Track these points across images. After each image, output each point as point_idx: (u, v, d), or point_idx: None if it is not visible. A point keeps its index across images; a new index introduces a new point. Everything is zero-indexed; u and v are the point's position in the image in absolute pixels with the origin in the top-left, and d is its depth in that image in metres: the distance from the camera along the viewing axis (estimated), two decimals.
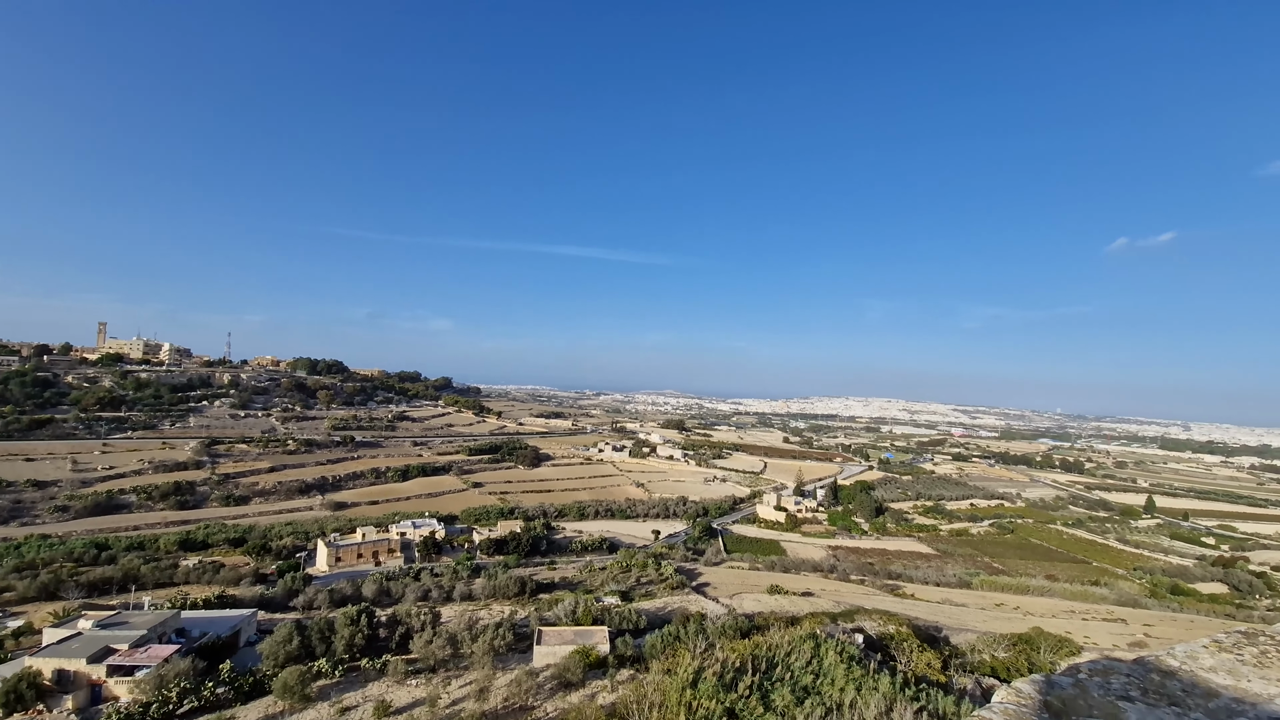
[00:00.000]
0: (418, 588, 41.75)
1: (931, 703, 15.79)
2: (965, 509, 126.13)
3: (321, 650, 27.32)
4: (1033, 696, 2.17)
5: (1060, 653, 27.88)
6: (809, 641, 21.69)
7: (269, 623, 34.59)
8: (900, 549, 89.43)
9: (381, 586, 42.07)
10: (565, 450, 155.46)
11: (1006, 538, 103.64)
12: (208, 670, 25.26)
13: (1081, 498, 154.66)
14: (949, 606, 46.77)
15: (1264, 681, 2.23)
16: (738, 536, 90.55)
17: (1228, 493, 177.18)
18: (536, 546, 68.35)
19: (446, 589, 41.60)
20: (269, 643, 26.89)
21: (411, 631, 29.80)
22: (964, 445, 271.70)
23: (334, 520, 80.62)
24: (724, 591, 44.76)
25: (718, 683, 17.56)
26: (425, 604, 37.73)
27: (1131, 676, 2.29)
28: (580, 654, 24.83)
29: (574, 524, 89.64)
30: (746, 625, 29.48)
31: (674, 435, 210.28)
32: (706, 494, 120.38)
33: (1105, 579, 75.03)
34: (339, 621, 28.90)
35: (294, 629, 27.60)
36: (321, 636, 27.87)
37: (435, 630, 29.15)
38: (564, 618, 32.19)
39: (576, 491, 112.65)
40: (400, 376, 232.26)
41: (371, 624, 29.56)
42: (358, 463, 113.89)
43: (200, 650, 27.42)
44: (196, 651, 27.02)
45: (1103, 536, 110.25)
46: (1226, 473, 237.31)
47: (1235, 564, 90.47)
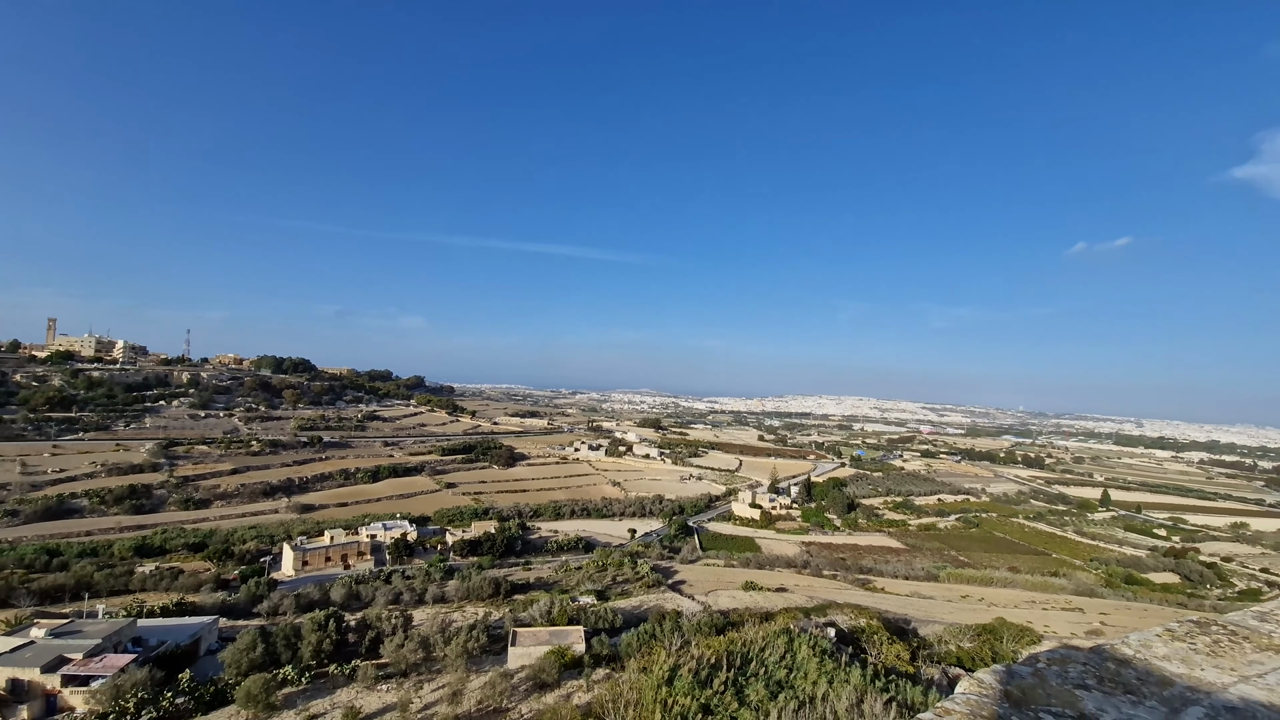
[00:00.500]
0: (389, 591, 40.94)
1: (900, 693, 16.16)
2: (933, 504, 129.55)
3: (287, 657, 26.55)
4: (994, 686, 2.22)
5: (1022, 642, 28.85)
6: (783, 636, 21.95)
7: (231, 630, 33.48)
8: (871, 544, 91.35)
9: (351, 590, 41.11)
10: (541, 449, 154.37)
11: (972, 531, 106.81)
12: (166, 680, 24.32)
13: (1042, 492, 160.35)
14: (917, 599, 47.98)
15: (1217, 670, 2.32)
16: (713, 534, 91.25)
17: (1178, 486, 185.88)
18: (511, 547, 67.70)
19: (419, 591, 40.90)
20: (231, 650, 26.02)
21: (382, 635, 29.18)
22: (932, 442, 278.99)
23: (300, 523, 78.48)
24: (700, 589, 45.05)
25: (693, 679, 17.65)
26: (397, 607, 37.04)
27: (1088, 665, 2.36)
28: (555, 654, 24.68)
29: (549, 524, 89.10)
30: (722, 622, 29.72)
31: (650, 434, 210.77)
32: (683, 492, 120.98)
33: (1064, 570, 77.98)
34: (306, 627, 28.13)
35: (258, 636, 26.76)
36: (287, 643, 27.08)
37: (407, 634, 28.60)
38: (539, 618, 31.95)
39: (552, 491, 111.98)
40: (370, 375, 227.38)
41: (340, 629, 28.84)
42: (326, 464, 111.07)
43: (158, 659, 26.39)
44: (154, 661, 25.99)
45: (1062, 529, 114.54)
46: (1177, 467, 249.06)
47: (1186, 555, 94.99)
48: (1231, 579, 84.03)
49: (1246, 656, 2.49)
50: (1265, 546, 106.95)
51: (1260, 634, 2.70)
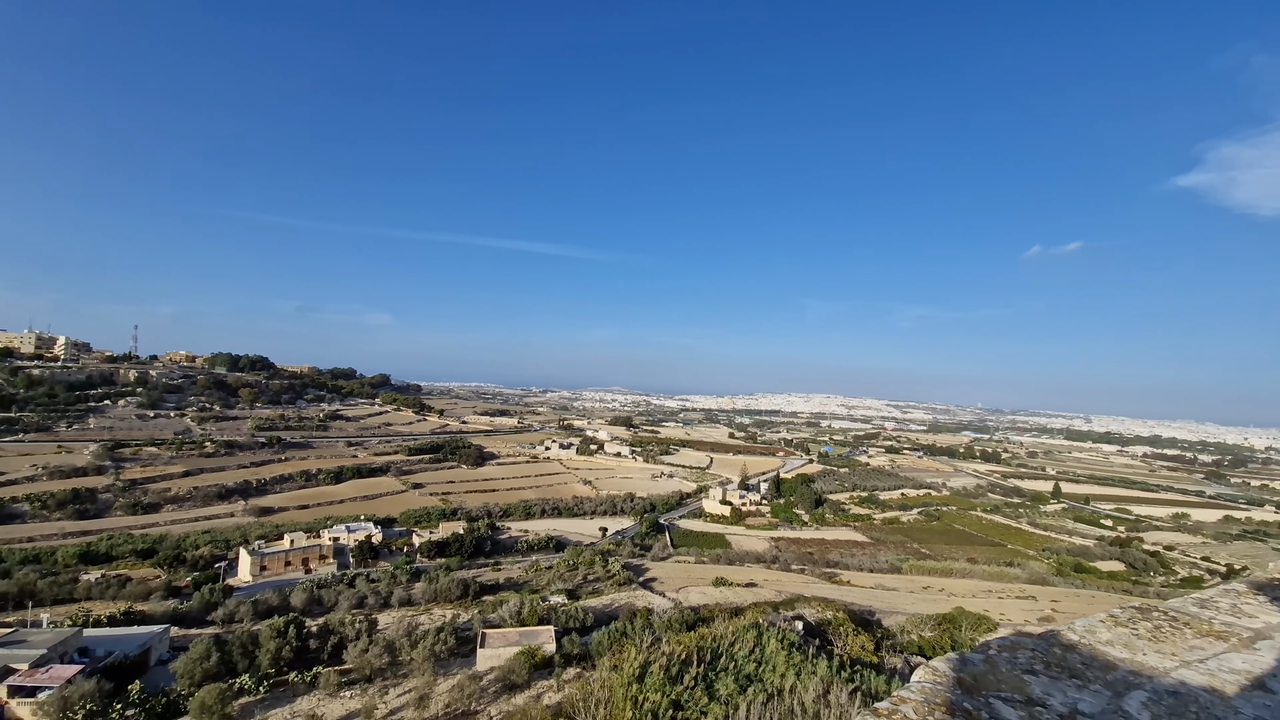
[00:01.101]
0: (352, 595, 39.91)
1: (865, 683, 16.56)
2: (897, 498, 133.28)
3: (244, 666, 25.60)
4: (948, 674, 2.27)
5: (979, 629, 29.96)
6: (752, 631, 22.22)
7: (183, 639, 32.12)
8: (838, 538, 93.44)
9: (312, 595, 39.92)
10: (511, 448, 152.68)
11: (933, 524, 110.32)
12: (116, 691, 23.24)
13: (999, 485, 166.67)
14: (881, 591, 49.35)
15: (1159, 655, 2.43)
16: (684, 531, 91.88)
17: (1124, 479, 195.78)
18: (480, 547, 66.80)
19: (384, 595, 39.99)
20: (184, 660, 24.94)
21: (345, 641, 28.43)
22: (896, 439, 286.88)
23: (258, 527, 75.75)
24: (670, 586, 45.32)
25: (664, 676, 17.69)
26: (361, 611, 36.16)
27: (1036, 651, 2.44)
28: (525, 655, 24.47)
29: (520, 523, 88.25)
30: (692, 618, 29.94)
31: (622, 432, 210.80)
32: (654, 490, 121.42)
33: (1018, 560, 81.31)
34: (264, 634, 27.18)
35: (212, 644, 25.72)
36: (244, 651, 26.11)
37: (371, 638, 27.93)
38: (509, 619, 31.63)
39: (522, 490, 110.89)
40: (333, 373, 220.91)
41: (301, 635, 27.97)
42: (285, 465, 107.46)
43: (107, 670, 25.17)
44: (103, 672, 24.80)
45: (1016, 521, 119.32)
46: (1123, 460, 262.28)
47: (1131, 544, 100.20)
48: (1174, 567, 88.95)
49: (1187, 642, 2.61)
50: (1205, 536, 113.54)
51: (1200, 620, 2.84)
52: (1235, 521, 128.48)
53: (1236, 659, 2.38)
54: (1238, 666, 2.32)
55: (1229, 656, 2.41)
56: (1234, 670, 2.28)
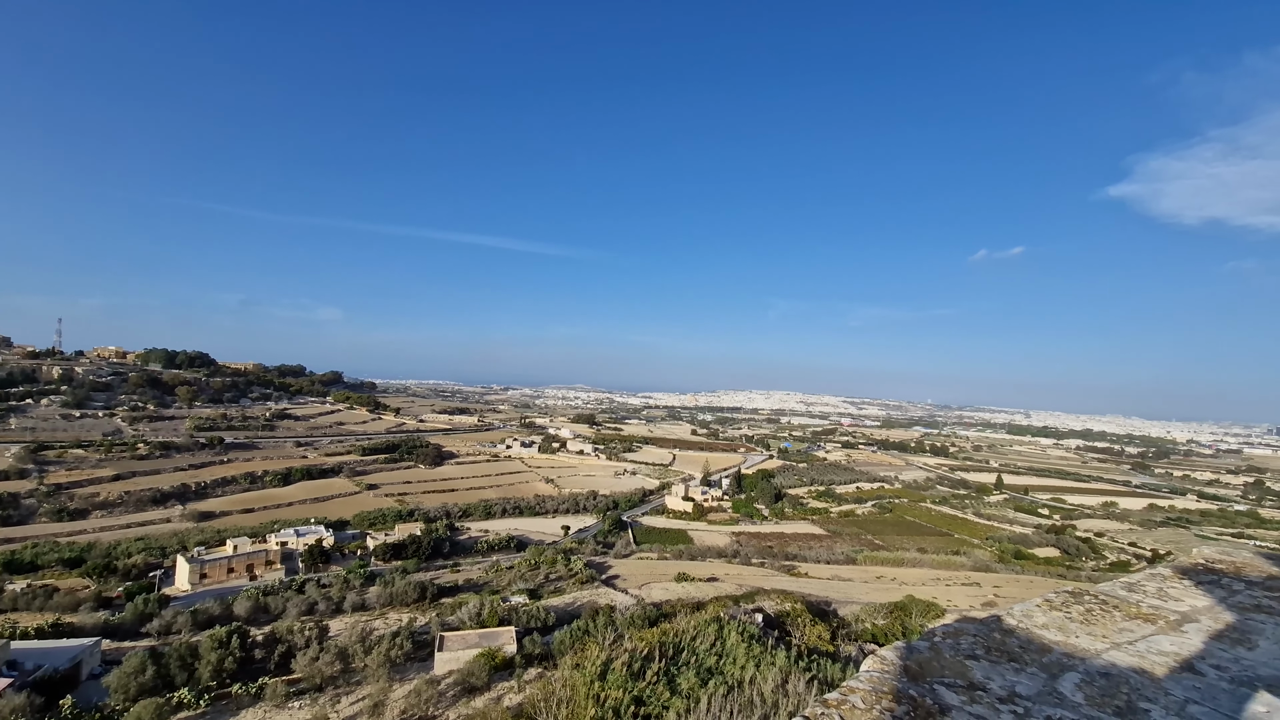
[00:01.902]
0: (301, 601, 38.34)
1: (821, 671, 16.99)
2: (852, 492, 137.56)
3: (183, 679, 24.24)
4: (895, 662, 2.30)
5: (928, 615, 31.25)
6: (713, 625, 22.50)
7: (117, 652, 30.21)
8: (796, 532, 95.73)
9: (258, 603, 38.15)
10: (470, 447, 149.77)
11: (886, 516, 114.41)
12: (46, 706, 21.74)
13: (946, 478, 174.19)
14: (837, 582, 50.87)
15: (1090, 637, 2.54)
16: (647, 528, 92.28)
17: (1059, 470, 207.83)
18: (439, 549, 65.29)
19: (336, 600, 38.59)
20: (117, 674, 23.43)
21: (294, 649, 27.29)
22: (852, 434, 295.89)
23: (198, 532, 71.83)
24: (633, 582, 45.43)
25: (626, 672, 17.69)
26: (311, 618, 34.76)
27: (978, 636, 2.51)
28: (485, 656, 24.06)
29: (480, 523, 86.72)
30: (655, 614, 30.09)
31: (584, 430, 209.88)
32: (617, 487, 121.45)
33: (964, 548, 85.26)
34: (204, 645, 25.80)
35: (147, 657, 24.26)
36: (183, 664, 24.72)
37: (322, 645, 26.91)
38: (468, 621, 31.04)
39: (483, 490, 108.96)
40: (280, 370, 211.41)
41: (245, 645, 26.69)
42: (228, 467, 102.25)
43: (36, 684, 23.51)
44: (32, 686, 23.14)
45: (962, 511, 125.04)
46: (1058, 453, 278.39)
47: (1065, 531, 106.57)
48: (1104, 552, 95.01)
49: (1117, 624, 2.74)
50: (1132, 523, 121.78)
51: (1129, 603, 3.00)
52: (1159, 509, 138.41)
53: (1165, 641, 2.52)
54: (1165, 648, 2.46)
55: (1157, 639, 2.55)
56: (1162, 652, 2.42)
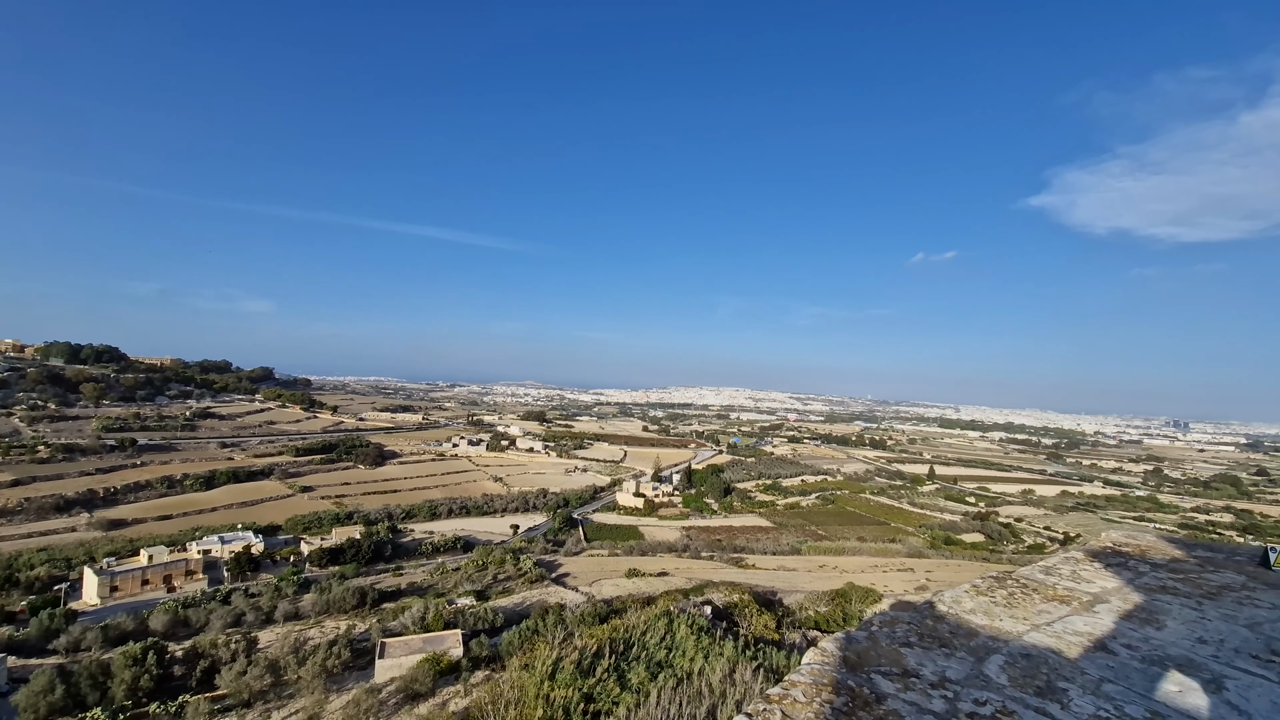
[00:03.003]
0: (227, 613, 36.01)
1: (767, 659, 17.40)
2: (798, 485, 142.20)
3: (95, 699, 22.30)
4: (834, 654, 2.34)
5: (867, 601, 32.70)
6: (663, 619, 22.65)
7: (22, 670, 27.61)
8: (745, 525, 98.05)
9: (177, 616, 35.55)
10: (414, 446, 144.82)
11: (829, 508, 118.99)
12: None
13: (884, 470, 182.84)
14: (783, 572, 52.46)
15: (1013, 620, 2.68)
16: (598, 525, 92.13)
17: (984, 461, 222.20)
18: (380, 552, 62.82)
19: (266, 610, 36.46)
20: (25, 694, 21.36)
21: (218, 664, 25.59)
22: (798, 429, 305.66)
23: (108, 542, 66.13)
24: (584, 580, 45.23)
25: (575, 670, 17.52)
26: (238, 630, 32.70)
27: (912, 624, 2.60)
28: (430, 661, 23.33)
29: (424, 525, 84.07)
30: (605, 610, 30.05)
31: (534, 427, 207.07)
32: (568, 485, 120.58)
33: (900, 536, 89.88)
34: (117, 662, 23.82)
35: (55, 675, 22.21)
36: (94, 682, 22.76)
37: (250, 658, 25.34)
38: (412, 625, 30.02)
39: (428, 490, 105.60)
40: (203, 366, 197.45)
41: (163, 661, 24.82)
42: (142, 470, 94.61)
43: None
44: None
45: (899, 501, 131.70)
46: (984, 445, 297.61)
47: (989, 518, 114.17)
48: (1022, 536, 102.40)
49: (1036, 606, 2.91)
50: (1047, 509, 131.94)
51: (1046, 586, 3.19)
52: (1071, 495, 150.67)
53: (1079, 621, 2.70)
54: (1080, 628, 2.63)
55: (1072, 619, 2.73)
56: (1077, 632, 2.59)
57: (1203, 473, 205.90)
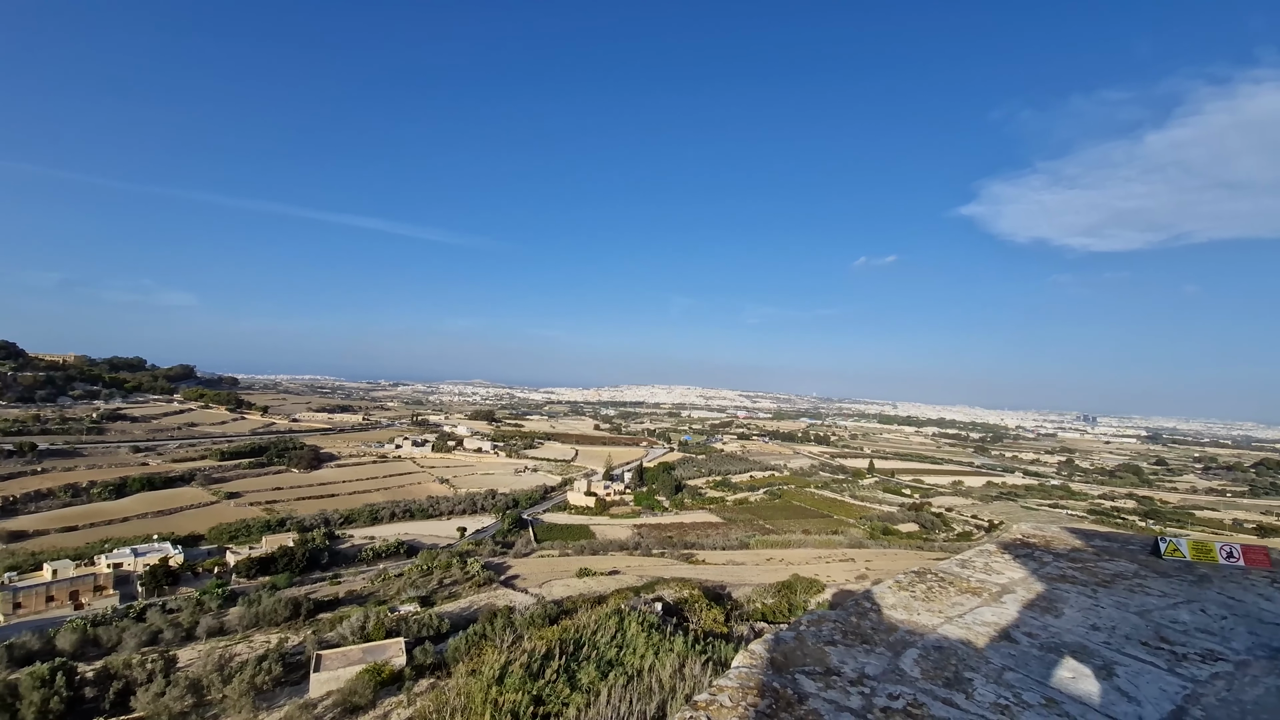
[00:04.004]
0: (142, 630, 33.45)
1: (716, 653, 17.70)
2: (746, 480, 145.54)
3: None
4: (763, 655, 2.40)
5: (811, 592, 33.86)
6: (614, 617, 22.66)
7: None
8: (695, 521, 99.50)
9: (86, 635, 32.72)
10: (354, 448, 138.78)
11: (775, 502, 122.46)
12: None
13: (828, 465, 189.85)
14: (732, 566, 53.58)
15: (929, 613, 2.83)
16: (549, 525, 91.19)
17: (919, 455, 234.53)
18: (316, 560, 59.90)
19: (186, 626, 34.11)
20: None
21: (134, 685, 23.72)
22: (747, 426, 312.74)
23: (8, 555, 59.99)
24: (534, 581, 44.65)
25: (524, 673, 17.28)
26: (155, 648, 30.43)
27: (837, 622, 2.71)
28: (370, 672, 22.42)
29: (365, 530, 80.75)
30: (555, 611, 29.78)
31: (483, 426, 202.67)
32: (517, 485, 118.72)
33: (842, 528, 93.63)
34: (24, 684, 21.81)
35: None
36: (2, 704, 20.72)
37: (169, 678, 23.61)
38: (350, 635, 28.76)
39: (368, 493, 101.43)
40: (112, 364, 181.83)
41: (73, 682, 22.84)
42: (44, 478, 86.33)
43: None
44: None
45: (841, 495, 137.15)
46: (919, 439, 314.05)
47: (923, 508, 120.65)
48: (952, 525, 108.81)
49: (951, 599, 3.09)
50: (974, 498, 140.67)
51: (961, 579, 3.39)
52: (995, 486, 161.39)
53: (987, 612, 2.89)
54: (988, 619, 2.82)
55: (982, 610, 2.92)
56: (985, 623, 2.77)
57: (1109, 463, 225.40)
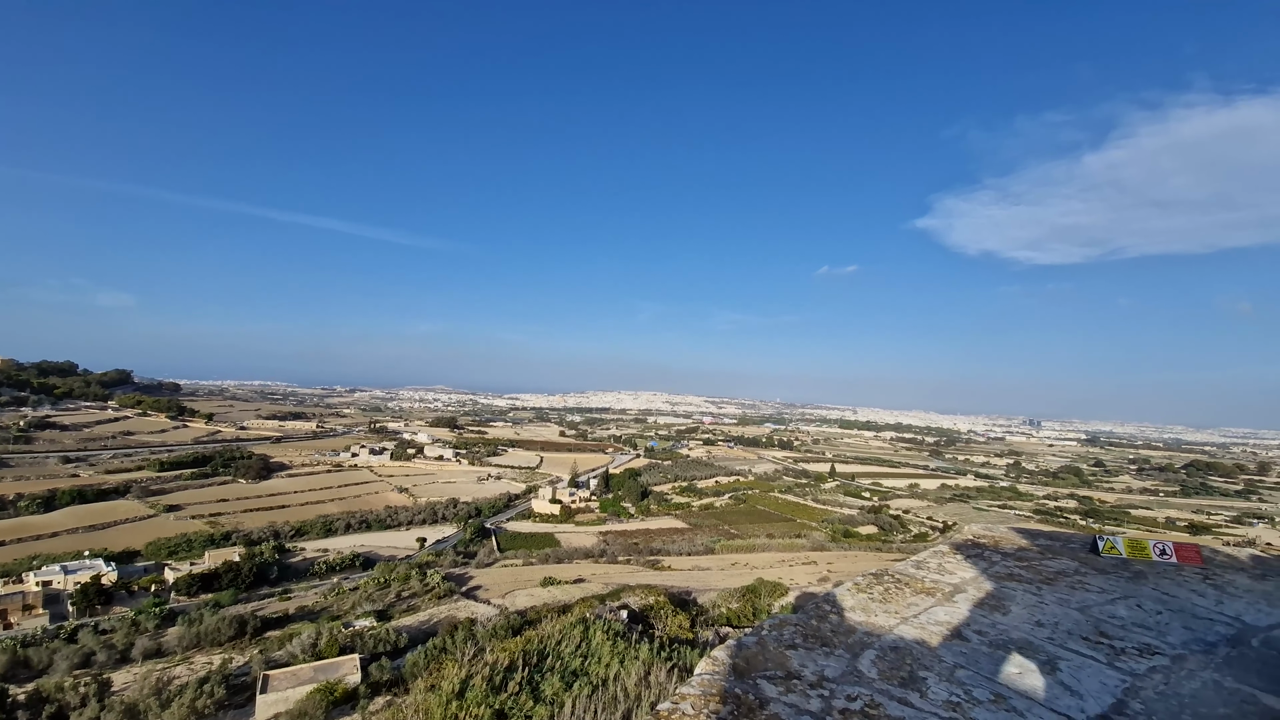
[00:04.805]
0: (74, 652, 31.25)
1: (682, 659, 17.68)
2: (712, 486, 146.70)
3: None
4: (725, 661, 2.40)
5: (774, 595, 34.27)
6: (579, 626, 22.40)
7: None
8: (661, 527, 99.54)
9: (15, 656, 30.43)
10: (307, 457, 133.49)
11: (740, 507, 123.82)
12: None
13: (791, 469, 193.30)
14: (697, 571, 53.76)
15: (886, 614, 2.90)
16: (512, 534, 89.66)
17: (878, 458, 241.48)
18: (265, 575, 57.18)
19: (121, 648, 32.04)
20: None
21: (66, 710, 22.17)
22: (712, 431, 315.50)
23: None
24: (496, 592, 43.75)
25: (486, 687, 16.85)
26: (88, 671, 28.51)
27: (798, 625, 2.74)
28: (322, 691, 21.49)
29: (318, 542, 77.60)
30: (519, 622, 29.23)
31: (445, 434, 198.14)
32: (480, 493, 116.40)
33: (805, 531, 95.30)
34: None
35: None
36: None
37: (104, 703, 22.15)
38: (301, 654, 27.52)
39: (322, 504, 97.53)
40: (41, 368, 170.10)
41: (4, 705, 21.21)
42: None
43: None
44: None
45: (804, 498, 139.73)
46: (878, 443, 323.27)
47: (882, 510, 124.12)
48: (910, 526, 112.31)
49: (906, 600, 3.17)
50: (929, 500, 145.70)
51: (917, 579, 3.49)
52: (949, 488, 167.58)
53: (941, 612, 2.99)
54: (941, 618, 2.91)
55: (935, 610, 3.01)
56: (938, 622, 2.86)
57: (1052, 465, 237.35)
